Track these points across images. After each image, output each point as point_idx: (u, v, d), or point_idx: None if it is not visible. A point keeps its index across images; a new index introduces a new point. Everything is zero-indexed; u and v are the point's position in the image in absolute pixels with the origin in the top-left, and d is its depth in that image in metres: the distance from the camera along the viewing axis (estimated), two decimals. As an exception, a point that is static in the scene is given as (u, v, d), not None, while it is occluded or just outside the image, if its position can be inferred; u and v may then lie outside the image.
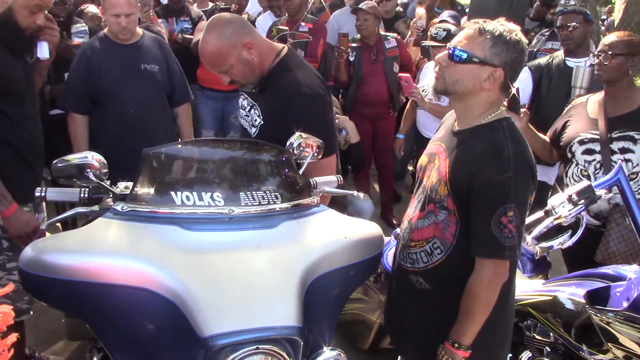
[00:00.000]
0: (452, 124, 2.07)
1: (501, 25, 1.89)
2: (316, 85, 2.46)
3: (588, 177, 2.93)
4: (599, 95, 3.07)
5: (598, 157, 2.91)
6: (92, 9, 4.81)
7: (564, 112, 3.22)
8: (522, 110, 2.96)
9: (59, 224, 2.50)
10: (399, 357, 2.34)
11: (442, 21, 4.94)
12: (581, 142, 2.97)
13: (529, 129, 3.07)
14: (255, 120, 2.55)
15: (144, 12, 4.82)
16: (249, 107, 2.62)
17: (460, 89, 1.92)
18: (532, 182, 1.90)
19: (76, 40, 3.99)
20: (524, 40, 1.91)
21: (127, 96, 3.55)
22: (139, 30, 3.70)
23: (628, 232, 2.74)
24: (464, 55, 1.87)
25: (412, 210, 2.13)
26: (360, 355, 3.33)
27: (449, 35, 4.24)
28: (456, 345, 1.91)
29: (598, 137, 2.91)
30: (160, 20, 5.50)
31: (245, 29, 2.44)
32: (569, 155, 3.03)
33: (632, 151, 2.85)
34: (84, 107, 3.57)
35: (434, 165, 2.04)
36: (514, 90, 2.59)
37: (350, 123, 4.33)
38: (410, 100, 4.80)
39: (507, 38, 1.86)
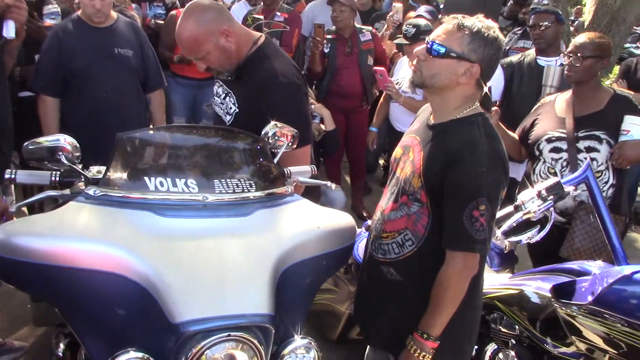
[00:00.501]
0: (428, 117, 2.09)
1: (480, 22, 1.91)
2: (293, 74, 2.46)
3: (555, 175, 2.97)
4: (567, 95, 3.13)
5: (565, 155, 2.96)
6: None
7: (533, 110, 3.28)
8: (493, 108, 3.00)
9: (25, 209, 2.47)
10: (368, 347, 2.36)
11: (418, 16, 4.96)
12: (549, 140, 3.03)
13: (499, 126, 3.12)
14: (231, 108, 2.54)
15: None
16: (224, 95, 2.61)
17: (437, 82, 1.94)
18: (505, 178, 1.93)
19: (48, 22, 3.90)
20: (501, 37, 1.94)
21: (100, 80, 3.51)
22: (113, 14, 3.65)
23: (592, 229, 2.81)
24: (442, 50, 1.90)
25: (385, 201, 2.14)
26: (329, 345, 3.35)
27: (418, 32, 4.28)
28: (425, 335, 1.93)
29: (565, 135, 2.96)
30: (133, 6, 5.43)
31: (224, 16, 2.42)
32: (537, 152, 3.08)
33: (597, 150, 2.91)
34: (55, 90, 3.51)
35: (408, 158, 2.06)
36: (486, 89, 2.64)
37: (325, 110, 4.34)
38: (384, 93, 4.83)
39: (485, 35, 1.89)
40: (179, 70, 4.98)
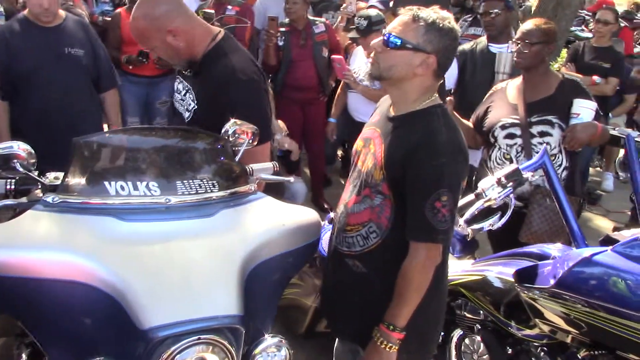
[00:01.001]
0: (387, 109, 2.09)
1: (435, 13, 1.92)
2: (251, 71, 2.43)
3: (510, 160, 3.04)
4: (518, 81, 3.19)
5: (519, 140, 3.02)
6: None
7: (485, 97, 3.33)
8: (448, 98, 3.04)
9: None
10: (337, 340, 2.37)
11: (370, 6, 4.98)
12: (503, 127, 3.08)
13: (454, 116, 3.16)
14: (190, 104, 2.51)
15: None
16: (184, 91, 2.58)
17: (395, 74, 1.95)
18: (465, 168, 1.96)
19: (-9, 23, 3.79)
20: (457, 28, 1.96)
21: (51, 81, 3.43)
22: (62, 12, 3.56)
23: (549, 212, 2.87)
24: (398, 42, 1.90)
25: (348, 194, 2.15)
26: (297, 339, 3.35)
27: (370, 24, 4.29)
28: (391, 327, 1.94)
29: (519, 121, 3.02)
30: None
31: (176, 12, 2.37)
32: (492, 139, 3.13)
33: (550, 134, 2.98)
34: (4, 93, 3.40)
35: (369, 150, 2.06)
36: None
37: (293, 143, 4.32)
38: (341, 84, 4.83)
39: (440, 25, 1.90)
40: (129, 69, 4.87)
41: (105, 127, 4.09)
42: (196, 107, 2.48)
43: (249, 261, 1.81)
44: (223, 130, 2.15)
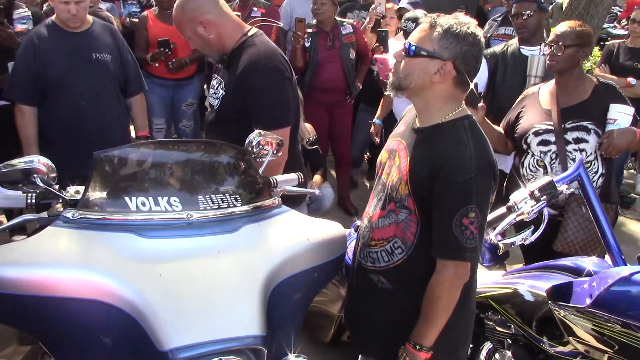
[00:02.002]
0: (413, 119, 2.03)
1: (454, 19, 1.86)
2: (276, 60, 2.55)
3: (544, 168, 2.95)
4: (550, 85, 3.09)
5: (553, 147, 2.93)
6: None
7: (517, 102, 3.23)
8: (479, 104, 2.95)
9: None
10: (360, 355, 2.31)
11: (400, 9, 4.89)
12: (536, 134, 2.99)
13: (485, 122, 3.07)
14: (219, 92, 2.67)
15: None
16: (217, 85, 2.73)
17: (412, 83, 1.89)
18: (494, 182, 1.89)
19: (19, 27, 3.80)
20: (478, 33, 1.88)
21: (78, 87, 3.40)
22: (89, 18, 3.54)
23: (585, 220, 2.77)
24: (414, 49, 1.86)
25: (372, 208, 2.09)
26: (323, 348, 3.31)
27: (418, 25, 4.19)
28: (417, 347, 1.89)
29: (552, 127, 2.93)
30: (109, 5, 5.30)
31: (208, 6, 2.55)
32: (525, 146, 3.04)
33: (586, 141, 2.87)
34: (32, 98, 3.40)
35: (394, 163, 2.00)
36: (471, 85, 2.58)
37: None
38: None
39: (457, 31, 1.83)
40: (155, 71, 4.87)
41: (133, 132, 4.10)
42: (224, 93, 2.65)
43: (272, 278, 1.77)
44: (247, 142, 2.12)
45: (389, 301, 2.04)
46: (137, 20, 5.12)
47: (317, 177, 4.25)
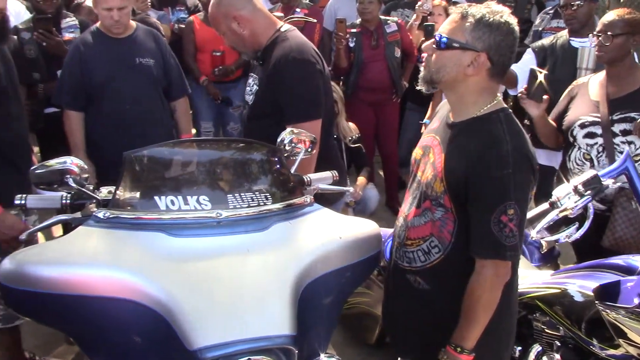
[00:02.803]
0: (447, 115, 1.96)
1: (485, 8, 1.79)
2: (308, 53, 2.57)
3: (590, 161, 2.85)
4: (601, 76, 2.98)
5: (600, 140, 2.82)
6: (88, 2, 4.70)
7: (566, 92, 3.12)
8: (544, 97, 2.85)
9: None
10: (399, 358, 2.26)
11: (453, 3, 4.79)
12: (582, 126, 2.88)
13: (544, 116, 2.97)
14: (254, 88, 2.71)
15: (142, 3, 4.72)
16: (252, 83, 2.78)
17: (444, 77, 1.84)
18: (533, 177, 1.81)
19: (67, 36, 3.89)
20: (512, 21, 1.80)
21: (123, 92, 3.46)
22: (132, 23, 3.60)
23: (635, 215, 2.64)
24: (445, 41, 1.80)
25: (408, 206, 2.03)
26: (367, 349, 3.27)
27: None
28: (458, 349, 1.83)
29: (599, 120, 2.81)
30: (161, 13, 5.39)
31: (243, 2, 2.60)
32: (571, 139, 2.94)
33: (631, 133, 2.74)
34: (79, 104, 3.48)
35: (429, 160, 1.95)
36: (541, 77, 2.51)
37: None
38: None
39: (490, 20, 1.76)
40: (201, 75, 4.93)
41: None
42: (258, 88, 2.69)
43: (303, 277, 1.74)
44: (279, 140, 2.10)
45: (426, 302, 1.99)
46: (184, 26, 5.20)
47: (361, 179, 4.21)
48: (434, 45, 1.84)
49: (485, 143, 1.78)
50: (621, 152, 2.72)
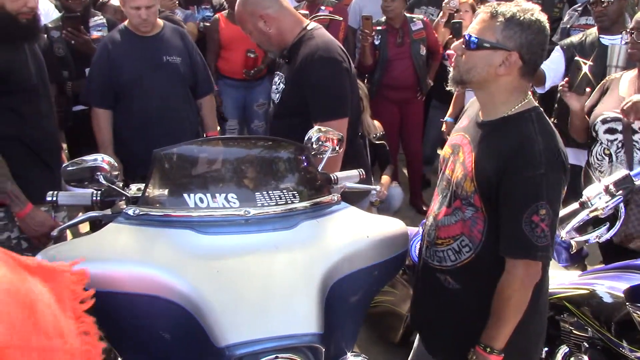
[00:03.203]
0: (477, 113, 1.95)
1: (516, 6, 1.77)
2: (334, 51, 2.57)
3: (610, 157, 2.83)
4: (633, 73, 2.92)
5: (620, 136, 2.80)
6: (114, 1, 4.75)
7: (599, 86, 3.08)
8: (587, 89, 2.82)
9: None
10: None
11: (482, 1, 4.74)
12: (604, 121, 2.86)
13: (583, 110, 2.94)
14: (280, 86, 2.73)
15: (169, 1, 4.76)
16: (278, 81, 2.78)
17: (475, 77, 1.82)
18: (565, 177, 1.79)
19: (95, 34, 3.93)
20: (543, 19, 1.78)
21: (150, 89, 3.49)
22: (160, 22, 3.63)
23: None
24: (476, 41, 1.78)
25: (437, 206, 2.02)
26: (391, 348, 3.26)
27: None
28: (488, 349, 1.82)
29: (621, 116, 2.77)
30: (189, 12, 5.43)
31: (270, 0, 2.60)
32: (594, 134, 2.92)
33: None
34: (107, 102, 3.51)
35: (458, 159, 1.93)
36: (585, 69, 2.62)
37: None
38: None
39: (521, 19, 1.75)
40: (225, 72, 4.96)
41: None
42: (284, 87, 2.69)
43: (330, 275, 1.74)
44: (306, 138, 2.10)
45: (456, 302, 1.98)
46: (209, 24, 5.23)
47: (385, 178, 4.20)
48: (463, 46, 1.82)
49: (517, 143, 1.77)
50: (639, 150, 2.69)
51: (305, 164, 2.01)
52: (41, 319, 0.81)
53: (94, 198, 1.87)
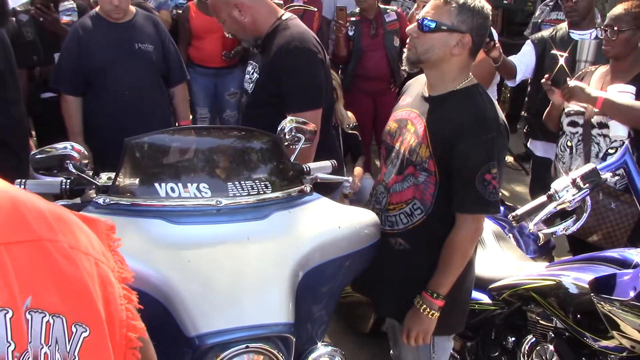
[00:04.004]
0: (421, 90, 2.14)
1: None
2: (309, 42, 2.57)
3: (570, 149, 2.93)
4: (604, 68, 2.97)
5: (580, 130, 2.90)
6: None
7: (575, 77, 3.13)
8: (567, 79, 2.90)
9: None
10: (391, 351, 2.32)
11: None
12: (568, 114, 2.96)
13: (563, 103, 3.04)
14: (254, 76, 2.72)
15: None
16: (252, 71, 2.76)
17: (432, 57, 2.00)
18: (507, 142, 2.08)
19: (64, 19, 3.85)
20: (487, 6, 2.01)
21: (121, 77, 3.45)
22: (132, 8, 3.58)
23: (600, 207, 2.73)
24: (433, 25, 1.95)
25: (387, 174, 2.18)
26: (360, 338, 3.28)
27: None
28: (435, 295, 2.03)
29: (584, 110, 2.83)
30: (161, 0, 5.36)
31: None
32: (561, 125, 3.02)
33: (607, 126, 2.77)
34: (77, 89, 3.46)
35: (408, 130, 2.11)
36: (562, 61, 3.01)
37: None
38: None
39: (472, 5, 1.95)
40: (196, 60, 4.91)
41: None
42: (258, 77, 2.69)
43: (301, 266, 1.75)
44: (279, 128, 2.10)
45: (406, 261, 2.15)
46: (181, 11, 5.17)
47: (357, 170, 4.22)
48: (418, 29, 1.99)
49: (470, 111, 2.00)
50: (598, 144, 2.76)
51: (278, 154, 2.01)
52: (94, 239, 0.86)
53: (63, 186, 1.83)
